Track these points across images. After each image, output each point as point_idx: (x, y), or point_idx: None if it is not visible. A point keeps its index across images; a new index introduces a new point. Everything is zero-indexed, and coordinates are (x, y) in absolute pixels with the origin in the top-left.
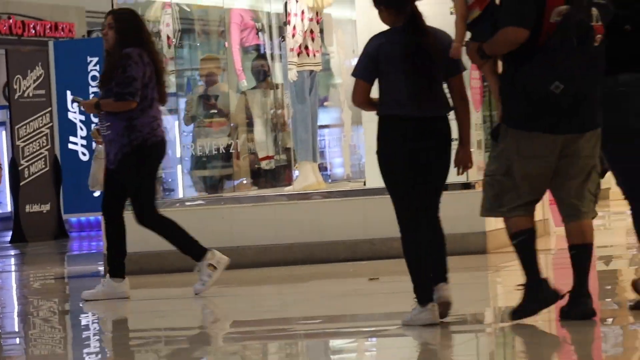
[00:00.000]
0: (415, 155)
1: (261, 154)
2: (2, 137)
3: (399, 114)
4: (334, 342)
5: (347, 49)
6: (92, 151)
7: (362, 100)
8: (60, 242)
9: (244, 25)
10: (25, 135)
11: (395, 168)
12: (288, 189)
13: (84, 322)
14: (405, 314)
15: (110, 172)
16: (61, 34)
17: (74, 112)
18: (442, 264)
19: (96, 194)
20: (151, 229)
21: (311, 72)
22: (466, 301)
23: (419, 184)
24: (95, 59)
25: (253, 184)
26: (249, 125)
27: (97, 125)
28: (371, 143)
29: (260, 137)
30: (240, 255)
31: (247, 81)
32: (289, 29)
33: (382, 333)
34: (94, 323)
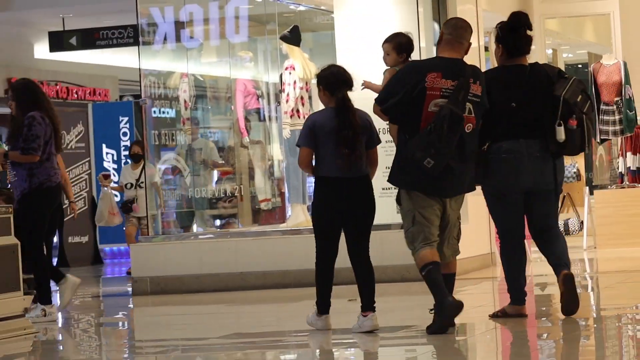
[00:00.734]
0: (343, 208)
1: (260, 197)
2: None
3: (331, 176)
4: (319, 351)
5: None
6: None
7: (306, 163)
8: (96, 267)
9: (247, 92)
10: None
11: (325, 217)
12: (282, 226)
13: (114, 332)
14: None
15: (16, 211)
16: (98, 98)
17: (107, 162)
18: (371, 295)
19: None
20: (30, 259)
21: None
22: (414, 317)
23: (348, 230)
24: (126, 118)
25: (254, 222)
26: (251, 173)
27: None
28: None
29: (260, 183)
30: (243, 279)
31: (249, 137)
32: (283, 95)
33: (356, 345)
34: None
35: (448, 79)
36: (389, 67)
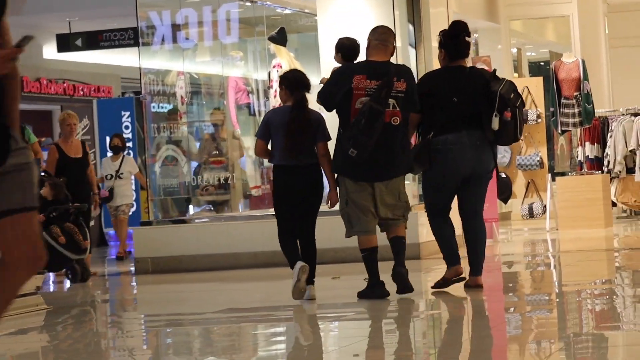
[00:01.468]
0: (293, 191)
1: (251, 184)
2: None
3: (283, 164)
4: (306, 324)
5: (315, 107)
6: None
7: (258, 152)
8: (102, 249)
9: (238, 89)
10: None
11: (280, 199)
12: (271, 210)
13: (118, 307)
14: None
15: None
16: (102, 94)
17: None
18: (312, 271)
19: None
20: None
21: None
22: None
23: (297, 212)
24: (128, 113)
25: (245, 206)
26: (242, 162)
27: None
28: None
29: (251, 171)
30: (236, 259)
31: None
32: (271, 91)
33: (343, 317)
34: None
35: (372, 79)
36: (336, 66)
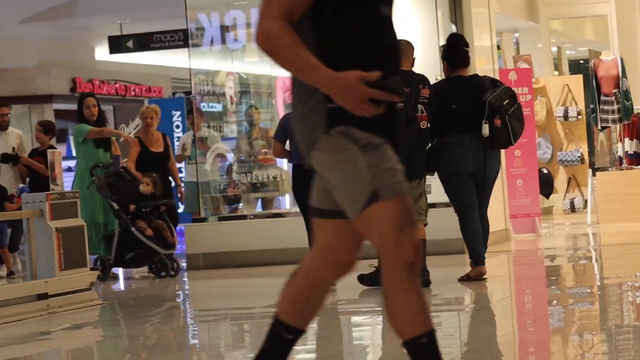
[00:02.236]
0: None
1: None
2: None
3: (297, 162)
4: (351, 317)
5: None
6: None
7: (276, 154)
8: None
9: (286, 88)
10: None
11: (299, 194)
12: None
13: (173, 304)
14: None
15: None
16: (153, 95)
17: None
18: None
19: None
20: None
21: None
22: (448, 288)
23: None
24: (178, 113)
25: (293, 204)
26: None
27: None
28: None
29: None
30: (285, 254)
31: None
32: None
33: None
34: (181, 304)
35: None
36: None
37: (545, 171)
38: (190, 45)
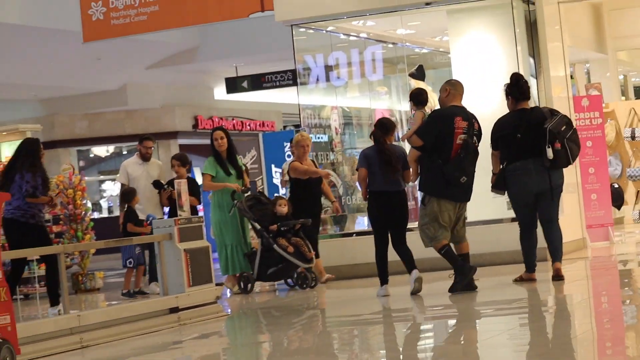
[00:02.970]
0: (386, 212)
1: None
2: None
3: (377, 190)
4: (451, 320)
5: None
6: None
7: (362, 178)
8: None
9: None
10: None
11: (375, 218)
12: (415, 223)
13: (301, 311)
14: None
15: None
16: (266, 128)
17: (276, 178)
18: (411, 262)
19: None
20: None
21: None
22: (506, 292)
23: (390, 227)
24: (289, 144)
25: None
26: None
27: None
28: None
29: None
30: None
31: None
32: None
33: (483, 314)
34: (310, 311)
35: (465, 120)
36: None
37: (616, 186)
38: (298, 84)
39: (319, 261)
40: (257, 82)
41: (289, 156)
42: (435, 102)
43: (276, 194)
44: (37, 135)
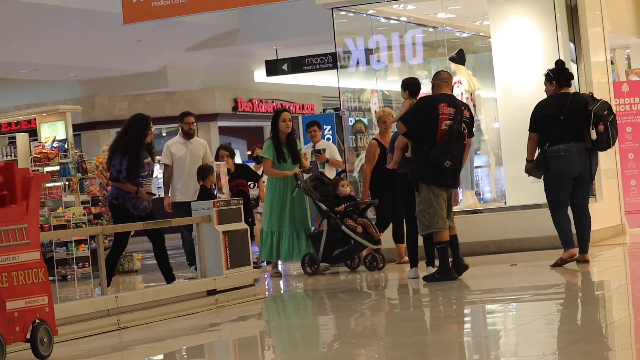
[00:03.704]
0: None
1: None
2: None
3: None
4: (489, 305)
5: (491, 117)
6: None
7: (392, 165)
8: None
9: None
10: None
11: (402, 197)
12: (456, 207)
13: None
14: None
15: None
16: (306, 111)
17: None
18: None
19: None
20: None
21: None
22: (568, 274)
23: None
24: (329, 127)
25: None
26: None
27: None
28: (510, 177)
29: None
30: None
31: None
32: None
33: (520, 299)
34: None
35: (451, 107)
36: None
37: None
38: (338, 67)
39: (401, 245)
40: (297, 64)
41: (329, 139)
42: (475, 86)
43: (336, 176)
44: (77, 116)
